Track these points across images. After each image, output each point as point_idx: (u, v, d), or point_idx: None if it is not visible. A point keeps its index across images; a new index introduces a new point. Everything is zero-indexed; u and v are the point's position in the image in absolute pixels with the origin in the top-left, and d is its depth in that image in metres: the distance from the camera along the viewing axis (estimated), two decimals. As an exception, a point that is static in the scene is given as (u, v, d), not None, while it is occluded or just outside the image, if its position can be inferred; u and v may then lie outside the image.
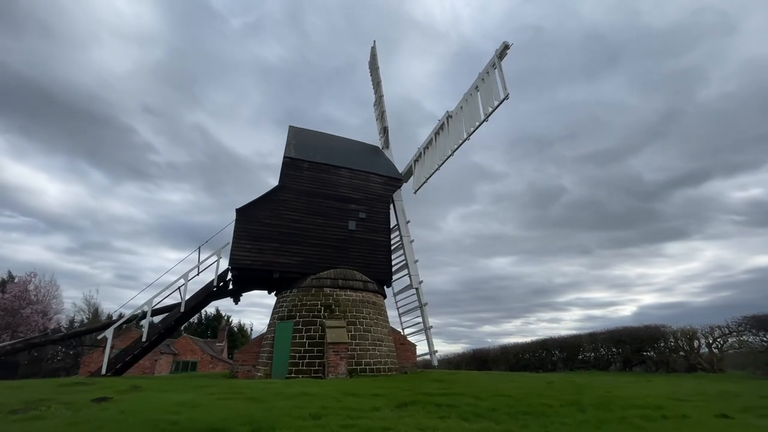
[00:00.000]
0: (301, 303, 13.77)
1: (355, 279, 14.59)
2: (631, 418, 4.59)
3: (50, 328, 15.77)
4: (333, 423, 4.30)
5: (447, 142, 14.84)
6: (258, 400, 5.90)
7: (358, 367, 12.80)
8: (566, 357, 18.75)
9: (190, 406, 5.21)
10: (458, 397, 6.19)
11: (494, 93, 12.05)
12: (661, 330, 14.91)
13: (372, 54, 21.87)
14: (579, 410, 5.14)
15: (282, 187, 15.24)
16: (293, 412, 4.81)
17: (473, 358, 24.58)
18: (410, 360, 15.96)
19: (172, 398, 5.83)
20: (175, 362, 29.50)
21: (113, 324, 12.26)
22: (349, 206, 15.97)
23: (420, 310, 16.83)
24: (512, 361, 21.64)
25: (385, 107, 20.24)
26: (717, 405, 5.59)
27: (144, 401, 5.66)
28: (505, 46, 11.99)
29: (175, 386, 7.52)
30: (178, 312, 13.18)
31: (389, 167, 18.30)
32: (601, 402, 5.73)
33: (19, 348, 13.08)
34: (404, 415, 4.85)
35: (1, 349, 12.77)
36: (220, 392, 6.66)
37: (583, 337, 18.11)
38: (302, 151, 16.62)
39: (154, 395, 6.11)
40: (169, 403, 5.43)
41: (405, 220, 18.18)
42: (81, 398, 5.83)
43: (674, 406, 5.38)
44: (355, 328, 13.49)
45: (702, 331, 14.06)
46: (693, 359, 13.83)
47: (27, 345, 13.16)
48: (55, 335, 14.08)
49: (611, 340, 16.49)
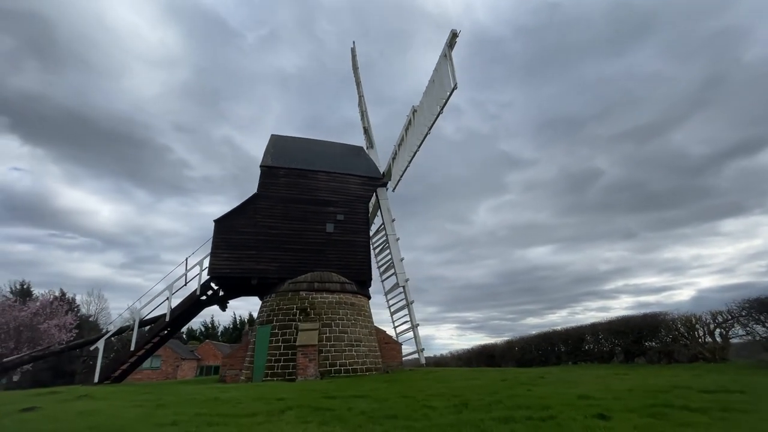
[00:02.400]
0: (278, 307, 14.09)
1: (332, 281, 14.71)
2: (492, 421, 4.34)
3: (65, 341, 17.27)
4: (185, 430, 4.42)
5: (414, 137, 14.61)
6: (164, 406, 6.15)
7: (333, 368, 12.91)
8: (569, 350, 17.90)
9: (87, 415, 5.54)
10: (359, 399, 6.12)
11: (445, 84, 11.72)
12: (659, 318, 13.87)
13: (352, 55, 21.91)
14: (456, 411, 4.92)
15: (259, 195, 15.64)
16: (166, 418, 4.99)
17: (481, 353, 24.04)
18: (396, 359, 15.90)
19: (86, 407, 6.22)
20: (199, 367, 31.08)
21: (104, 336, 13.17)
22: (327, 209, 16.12)
23: (407, 308, 16.68)
24: (518, 355, 20.96)
25: (365, 107, 20.21)
26: (628, 402, 5.14)
27: (59, 411, 6.07)
28: (453, 35, 11.61)
29: (122, 396, 7.96)
30: (163, 322, 13.91)
31: (369, 167, 18.26)
32: (497, 401, 5.46)
33: (25, 361, 14.51)
34: (272, 420, 4.89)
35: (10, 362, 14.23)
36: (148, 400, 6.99)
37: (585, 328, 17.21)
38: (279, 158, 16.96)
39: (73, 405, 6.54)
40: (73, 412, 5.80)
41: (390, 219, 18.08)
42: (12, 408, 6.35)
43: (566, 406, 5.01)
44: (330, 329, 13.62)
45: (704, 318, 12.93)
46: (693, 349, 12.74)
47: (31, 358, 14.58)
48: (58, 348, 15.42)
49: (610, 331, 15.55)
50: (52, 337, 17.21)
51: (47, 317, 17.49)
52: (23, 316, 16.47)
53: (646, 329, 14.20)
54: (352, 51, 21.93)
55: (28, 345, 16.44)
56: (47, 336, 17.08)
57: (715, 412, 4.59)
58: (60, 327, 17.88)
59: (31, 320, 16.83)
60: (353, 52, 21.85)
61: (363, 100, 20.28)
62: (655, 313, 14.16)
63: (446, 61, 11.81)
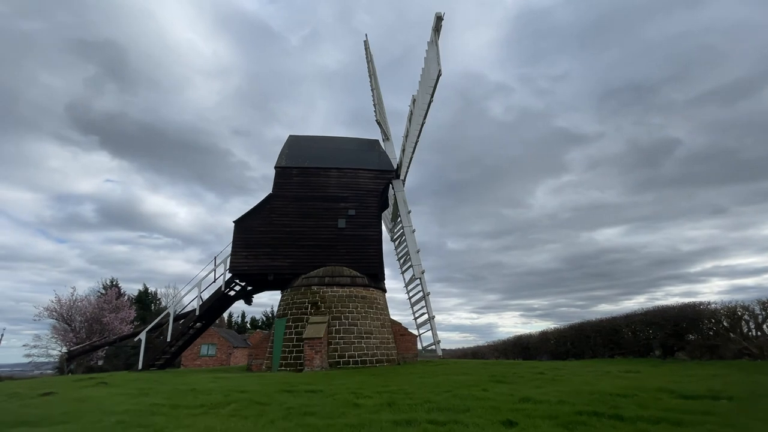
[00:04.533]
0: (292, 302, 14.85)
1: (343, 275, 15.11)
2: (388, 423, 4.31)
3: (124, 333, 19.89)
4: (131, 417, 5.01)
5: (414, 128, 14.33)
6: (145, 395, 6.95)
7: (341, 360, 13.38)
8: (603, 342, 16.60)
9: (79, 401, 6.46)
10: (308, 395, 6.38)
11: (432, 70, 11.31)
12: (698, 308, 12.31)
13: (365, 47, 21.84)
14: (373, 411, 4.93)
15: (273, 195, 16.47)
16: (126, 407, 5.68)
17: (516, 345, 23.15)
18: (411, 351, 15.95)
19: (89, 393, 7.24)
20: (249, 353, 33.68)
21: (145, 329, 14.99)
22: (338, 205, 16.49)
23: (424, 299, 16.60)
24: (552, 347, 19.90)
25: (378, 99, 20.12)
26: (560, 408, 4.75)
27: (66, 397, 7.14)
28: (438, 18, 11.11)
29: (132, 384, 9.07)
30: (194, 316, 15.38)
31: (381, 161, 18.25)
32: (426, 401, 5.36)
33: (87, 350, 17.06)
34: (208, 413, 5.33)
35: (75, 351, 16.86)
36: (142, 389, 7.92)
37: (620, 320, 15.83)
38: (293, 158, 17.62)
39: (82, 391, 7.62)
40: (73, 398, 6.79)
41: (407, 210, 17.99)
42: (35, 393, 7.59)
43: (489, 410, 4.75)
44: (340, 322, 14.06)
45: (752, 308, 11.24)
46: (736, 343, 11.15)
47: (92, 347, 17.10)
48: (111, 338, 17.86)
49: (645, 322, 14.14)
50: (115, 329, 19.96)
51: (111, 311, 20.28)
52: (91, 310, 19.26)
53: (685, 321, 12.69)
54: (365, 44, 21.86)
55: (97, 335, 19.24)
56: (111, 328, 19.83)
57: (656, 426, 4.10)
58: (122, 320, 20.63)
59: (98, 314, 19.60)
60: (366, 44, 21.78)
61: (375, 93, 20.21)
62: (695, 303, 12.59)
63: (433, 47, 11.37)
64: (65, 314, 19.36)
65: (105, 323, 19.66)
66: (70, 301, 19.61)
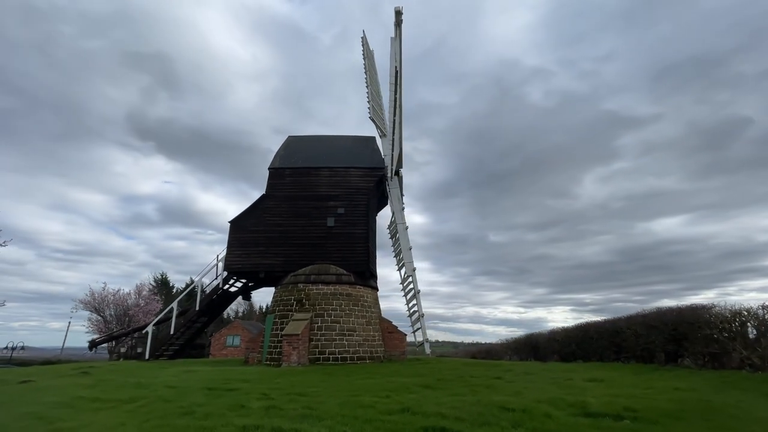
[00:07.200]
0: (280, 298, 15.36)
1: (329, 273, 15.35)
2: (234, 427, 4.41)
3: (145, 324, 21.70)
4: (71, 405, 5.57)
5: (394, 125, 14.12)
6: (91, 386, 7.61)
7: (321, 356, 13.67)
8: (606, 345, 15.57)
9: (34, 391, 7.23)
10: (229, 392, 6.67)
11: (391, 67, 11.07)
12: (698, 312, 11.15)
13: (363, 44, 21.72)
14: (257, 416, 5.07)
15: (267, 196, 17.04)
16: (82, 393, 6.30)
17: (526, 344, 22.26)
18: (398, 348, 15.92)
19: (61, 383, 8.07)
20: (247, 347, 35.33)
21: (151, 322, 16.27)
22: (328, 204, 16.73)
23: (415, 297, 16.47)
24: (558, 348, 18.96)
25: (372, 96, 19.97)
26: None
27: (41, 385, 8.00)
28: (397, 13, 10.86)
29: (114, 375, 9.92)
30: (194, 311, 16.41)
31: (373, 158, 18.17)
32: (274, 406, 5.39)
33: (105, 339, 18.85)
34: (126, 407, 5.77)
35: (98, 340, 18.72)
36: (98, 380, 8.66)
37: (622, 321, 14.76)
38: (287, 159, 18.07)
39: (58, 380, 8.50)
40: (31, 388, 7.60)
41: (400, 207, 17.85)
42: (14, 380, 8.57)
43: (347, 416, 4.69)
44: (323, 319, 14.34)
45: (760, 314, 9.99)
46: (738, 352, 9.96)
47: (110, 337, 18.87)
48: (126, 329, 19.56)
49: (645, 325, 13.05)
50: (140, 320, 21.85)
51: (142, 305, 22.23)
52: (121, 303, 21.23)
53: (683, 325, 11.56)
54: (363, 40, 21.74)
55: (126, 326, 21.20)
56: (137, 319, 21.74)
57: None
58: (146, 312, 22.52)
59: (128, 307, 21.55)
60: (363, 40, 21.66)
61: (370, 89, 20.05)
62: (695, 306, 11.44)
63: (394, 42, 11.13)
64: (97, 306, 21.63)
65: (131, 315, 21.63)
66: (101, 295, 21.91)
